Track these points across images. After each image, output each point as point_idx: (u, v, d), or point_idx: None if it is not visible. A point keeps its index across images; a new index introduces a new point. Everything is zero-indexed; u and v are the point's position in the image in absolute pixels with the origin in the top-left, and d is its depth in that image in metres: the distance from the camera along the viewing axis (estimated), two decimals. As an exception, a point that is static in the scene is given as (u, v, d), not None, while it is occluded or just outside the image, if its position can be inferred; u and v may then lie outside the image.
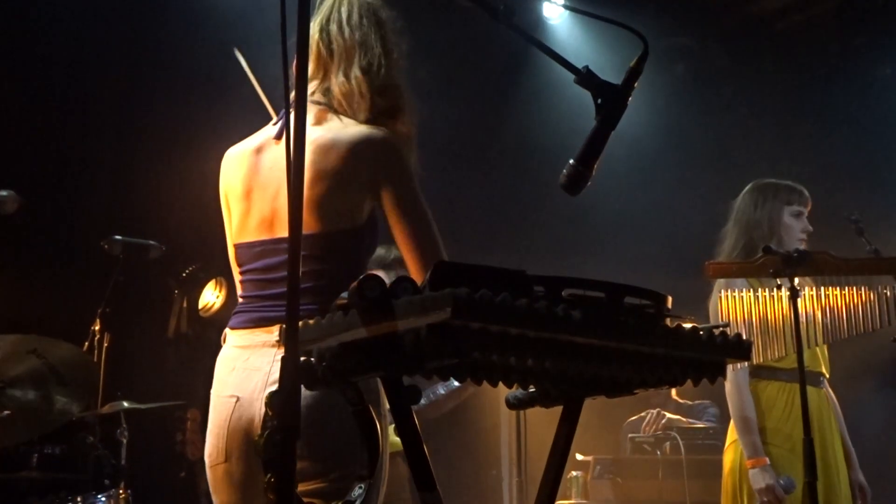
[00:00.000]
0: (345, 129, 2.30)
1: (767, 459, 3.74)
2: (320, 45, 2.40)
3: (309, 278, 2.20)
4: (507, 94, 6.96)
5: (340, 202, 2.25)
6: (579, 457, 5.26)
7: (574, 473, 5.19)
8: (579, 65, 1.88)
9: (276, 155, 2.35)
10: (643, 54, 1.89)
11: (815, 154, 6.56)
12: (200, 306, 5.69)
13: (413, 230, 2.27)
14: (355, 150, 2.26)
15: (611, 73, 1.91)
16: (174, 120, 5.53)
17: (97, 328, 4.60)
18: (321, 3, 2.47)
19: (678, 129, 6.89)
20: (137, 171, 5.44)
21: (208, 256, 5.66)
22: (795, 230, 3.95)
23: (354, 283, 1.47)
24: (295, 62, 1.53)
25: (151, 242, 4.77)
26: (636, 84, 1.89)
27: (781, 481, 3.67)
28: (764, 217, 3.98)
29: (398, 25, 2.48)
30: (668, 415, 5.56)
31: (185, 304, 5.58)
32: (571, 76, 1.87)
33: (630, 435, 5.39)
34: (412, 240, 2.27)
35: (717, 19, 7.00)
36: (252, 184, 2.38)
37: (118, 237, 4.67)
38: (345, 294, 1.50)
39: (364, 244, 2.33)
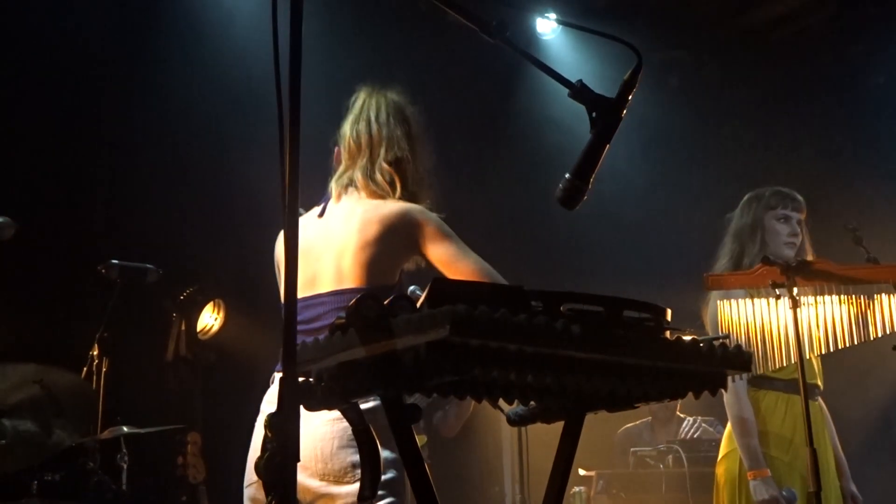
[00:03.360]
0: (383, 205, 2.66)
1: (769, 471, 3.71)
2: (350, 140, 2.78)
3: None
4: (500, 111, 6.97)
5: (382, 264, 2.62)
6: (582, 472, 5.24)
7: (577, 489, 5.16)
8: (572, 80, 1.88)
9: (318, 227, 2.71)
10: (637, 67, 1.89)
11: (810, 163, 6.58)
12: (199, 329, 5.67)
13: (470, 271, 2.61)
14: (391, 224, 2.63)
15: (605, 88, 1.90)
16: (170, 144, 5.53)
17: (95, 353, 4.57)
18: (353, 103, 2.84)
19: (673, 141, 6.90)
20: (134, 195, 5.43)
21: (206, 279, 5.65)
22: (781, 234, 3.95)
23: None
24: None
25: (149, 266, 4.75)
26: (631, 97, 1.88)
27: (784, 493, 3.64)
28: (747, 223, 3.99)
29: (422, 120, 2.84)
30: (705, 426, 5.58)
31: (183, 327, 5.56)
32: (565, 90, 1.87)
33: (633, 449, 5.37)
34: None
35: (710, 31, 7.02)
36: (298, 251, 2.54)
37: (115, 261, 4.65)
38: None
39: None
